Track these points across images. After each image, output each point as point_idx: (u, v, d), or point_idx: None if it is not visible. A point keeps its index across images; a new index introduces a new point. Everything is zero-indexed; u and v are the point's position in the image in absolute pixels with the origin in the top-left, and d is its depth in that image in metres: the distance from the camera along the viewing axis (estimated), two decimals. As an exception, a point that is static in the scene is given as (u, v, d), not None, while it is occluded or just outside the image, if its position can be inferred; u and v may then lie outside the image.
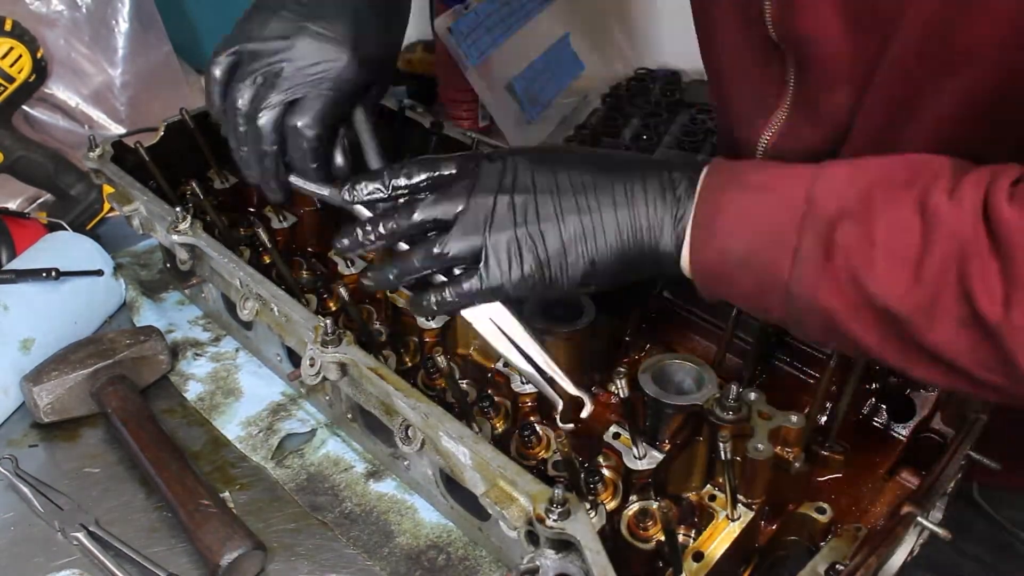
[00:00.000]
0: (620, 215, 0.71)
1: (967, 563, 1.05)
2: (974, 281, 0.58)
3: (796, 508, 0.80)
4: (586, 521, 0.66)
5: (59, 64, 1.36)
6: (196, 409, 1.02)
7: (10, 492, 0.91)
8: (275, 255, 0.97)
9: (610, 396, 0.93)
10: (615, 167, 0.73)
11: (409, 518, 0.89)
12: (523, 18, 1.49)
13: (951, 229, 0.59)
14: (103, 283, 1.12)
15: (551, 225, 0.71)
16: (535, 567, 0.69)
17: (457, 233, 0.73)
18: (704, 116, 1.54)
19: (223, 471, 0.95)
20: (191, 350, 1.09)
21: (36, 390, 0.96)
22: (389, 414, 0.81)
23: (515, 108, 1.44)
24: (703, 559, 0.75)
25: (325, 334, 0.82)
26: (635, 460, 0.79)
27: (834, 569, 0.73)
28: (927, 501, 0.75)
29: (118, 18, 1.39)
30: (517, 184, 0.73)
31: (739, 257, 0.67)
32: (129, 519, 0.89)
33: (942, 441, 0.86)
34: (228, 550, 0.81)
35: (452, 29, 1.34)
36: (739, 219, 0.67)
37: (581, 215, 0.71)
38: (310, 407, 1.01)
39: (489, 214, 0.72)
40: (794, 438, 0.78)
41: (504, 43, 1.43)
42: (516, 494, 0.70)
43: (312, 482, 0.93)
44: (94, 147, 1.08)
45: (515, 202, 0.72)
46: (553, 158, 0.75)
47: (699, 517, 0.80)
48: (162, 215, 0.99)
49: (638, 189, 0.71)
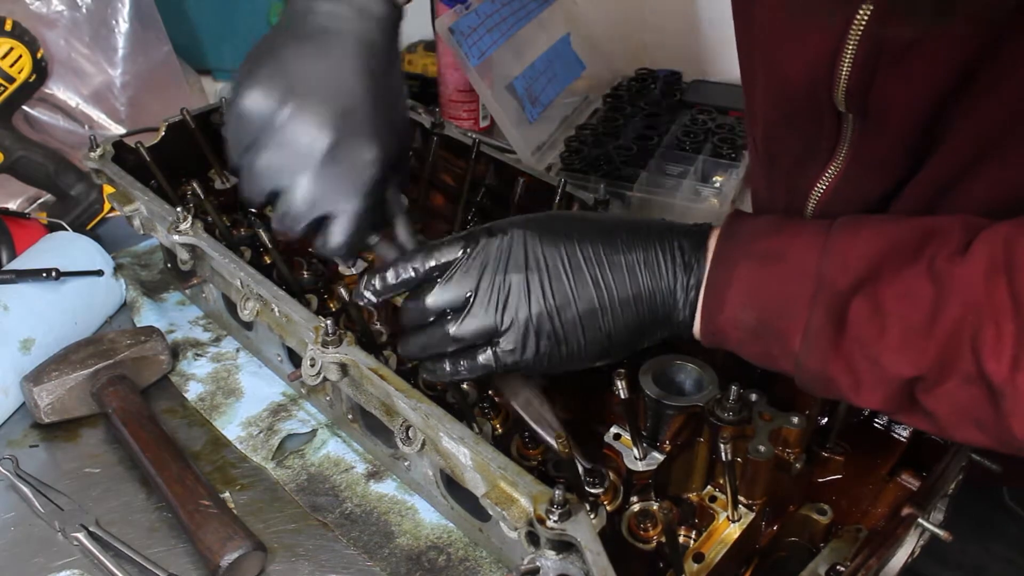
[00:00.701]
0: (633, 288, 0.70)
1: (996, 564, 1.05)
2: (984, 340, 0.58)
3: (797, 509, 0.80)
4: (587, 522, 0.66)
5: (59, 64, 1.35)
6: (196, 409, 1.02)
7: (10, 492, 0.91)
8: (276, 255, 0.97)
9: (610, 396, 0.93)
10: (623, 236, 0.72)
11: (409, 519, 0.89)
12: (523, 18, 1.49)
13: (962, 290, 0.59)
14: (103, 283, 1.12)
15: (566, 303, 0.71)
16: (535, 568, 0.69)
17: (470, 317, 0.72)
18: (704, 116, 1.54)
19: (223, 471, 0.95)
20: (191, 350, 1.09)
21: (36, 390, 0.96)
22: (390, 415, 0.81)
23: (515, 108, 1.44)
24: (704, 560, 0.75)
25: (326, 334, 0.82)
26: (636, 461, 0.79)
27: (835, 570, 0.73)
28: (928, 502, 0.75)
29: (118, 18, 1.39)
30: (528, 261, 0.71)
31: (749, 328, 0.67)
32: (129, 519, 0.89)
33: (943, 442, 0.86)
34: (228, 550, 0.81)
35: (452, 29, 1.34)
36: (750, 292, 0.67)
37: (596, 290, 0.70)
38: (311, 407, 1.01)
39: (502, 294, 0.71)
40: (795, 439, 0.78)
41: (504, 43, 1.43)
42: (517, 495, 0.70)
43: (312, 483, 0.93)
44: (94, 147, 1.08)
45: (528, 280, 0.71)
46: (559, 229, 0.73)
47: (700, 518, 0.80)
48: (163, 215, 0.99)
49: (650, 259, 0.70)
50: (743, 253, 0.68)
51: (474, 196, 1.14)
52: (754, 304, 0.67)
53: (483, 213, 1.15)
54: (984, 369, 0.58)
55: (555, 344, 0.72)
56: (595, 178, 1.36)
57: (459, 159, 1.15)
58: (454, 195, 1.15)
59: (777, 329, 0.66)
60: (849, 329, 0.63)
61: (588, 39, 1.65)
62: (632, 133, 1.50)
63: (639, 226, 0.73)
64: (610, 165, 1.40)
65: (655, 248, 0.71)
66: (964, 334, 0.59)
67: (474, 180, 1.13)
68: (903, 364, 0.61)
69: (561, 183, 1.04)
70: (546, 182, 1.07)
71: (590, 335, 0.71)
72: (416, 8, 1.97)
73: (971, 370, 0.59)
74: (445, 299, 0.74)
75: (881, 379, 0.63)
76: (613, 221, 0.74)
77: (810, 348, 0.64)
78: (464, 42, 1.35)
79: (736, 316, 0.68)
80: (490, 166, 1.13)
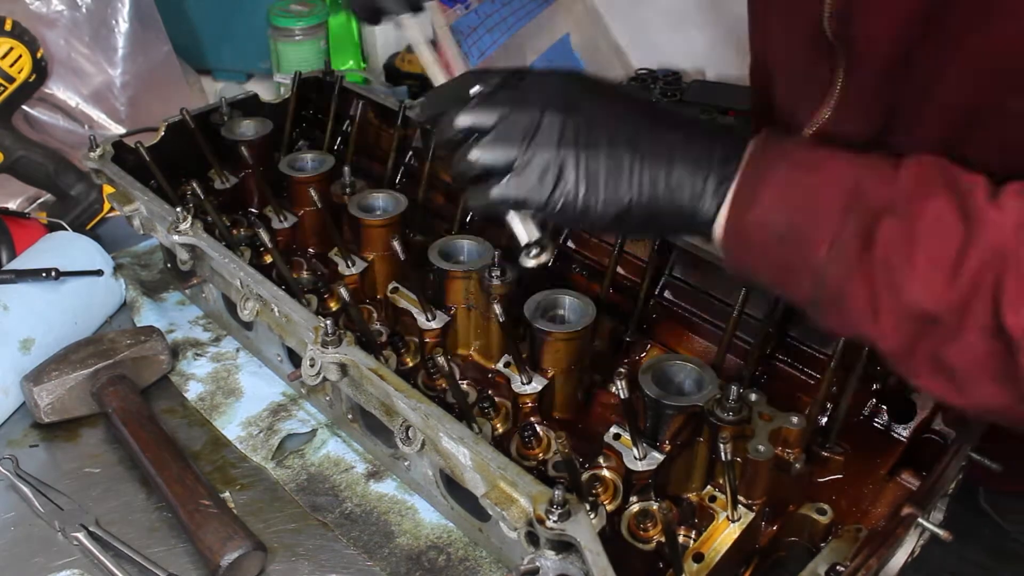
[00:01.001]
0: (666, 163, 0.69)
1: (968, 568, 1.05)
2: (1006, 291, 0.57)
3: (796, 509, 0.80)
4: (586, 522, 0.66)
5: (59, 64, 1.35)
6: (196, 409, 1.02)
7: (10, 492, 0.91)
8: (275, 255, 0.97)
9: (610, 396, 0.93)
10: (668, 115, 0.71)
11: (409, 519, 0.89)
12: (523, 18, 1.49)
13: (992, 235, 0.59)
14: (103, 283, 1.12)
15: (595, 151, 0.68)
16: (535, 568, 0.69)
17: (492, 143, 0.70)
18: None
19: (223, 471, 0.95)
20: (191, 350, 1.09)
21: (36, 390, 0.96)
22: (389, 415, 0.81)
23: (515, 108, 1.44)
24: (703, 560, 0.75)
25: (325, 335, 0.82)
26: (635, 461, 0.79)
27: (834, 570, 0.73)
28: (928, 502, 0.75)
29: (118, 18, 1.39)
30: (568, 103, 0.70)
31: (777, 231, 0.65)
32: (129, 519, 0.89)
33: (943, 442, 0.86)
34: (228, 550, 0.81)
35: (453, 29, 1.34)
36: (783, 193, 0.66)
37: (628, 150, 0.68)
38: (310, 407, 1.01)
39: (532, 128, 0.69)
40: (795, 439, 0.78)
41: (504, 43, 1.43)
42: (516, 495, 0.70)
43: (312, 482, 0.93)
44: (94, 147, 1.08)
45: (565, 121, 0.69)
46: (611, 88, 0.73)
47: (699, 518, 0.80)
48: (163, 215, 0.99)
49: (690, 142, 0.69)
50: (780, 156, 0.67)
51: (474, 196, 1.14)
52: (787, 206, 0.65)
53: (483, 213, 1.14)
54: (1003, 322, 0.57)
55: (573, 189, 0.69)
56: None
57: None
58: (454, 194, 1.15)
59: (805, 235, 0.64)
60: (877, 248, 0.61)
61: (588, 39, 1.65)
62: (632, 133, 1.50)
63: (685, 118, 0.73)
64: (610, 165, 1.40)
65: (697, 134, 0.70)
66: (987, 281, 0.58)
67: (474, 180, 1.13)
68: (925, 297, 0.60)
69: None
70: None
71: (610, 193, 0.69)
72: (416, 8, 1.97)
73: (990, 322, 0.58)
74: (471, 121, 0.71)
75: (899, 308, 0.61)
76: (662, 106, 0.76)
77: (835, 259, 0.63)
78: (464, 42, 1.35)
79: (765, 217, 0.66)
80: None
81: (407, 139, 1.20)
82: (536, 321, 0.86)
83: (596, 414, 0.93)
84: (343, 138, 1.28)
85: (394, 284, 1.01)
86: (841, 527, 0.79)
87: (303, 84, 1.26)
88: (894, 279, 0.61)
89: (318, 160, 1.16)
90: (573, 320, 0.89)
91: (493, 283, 0.91)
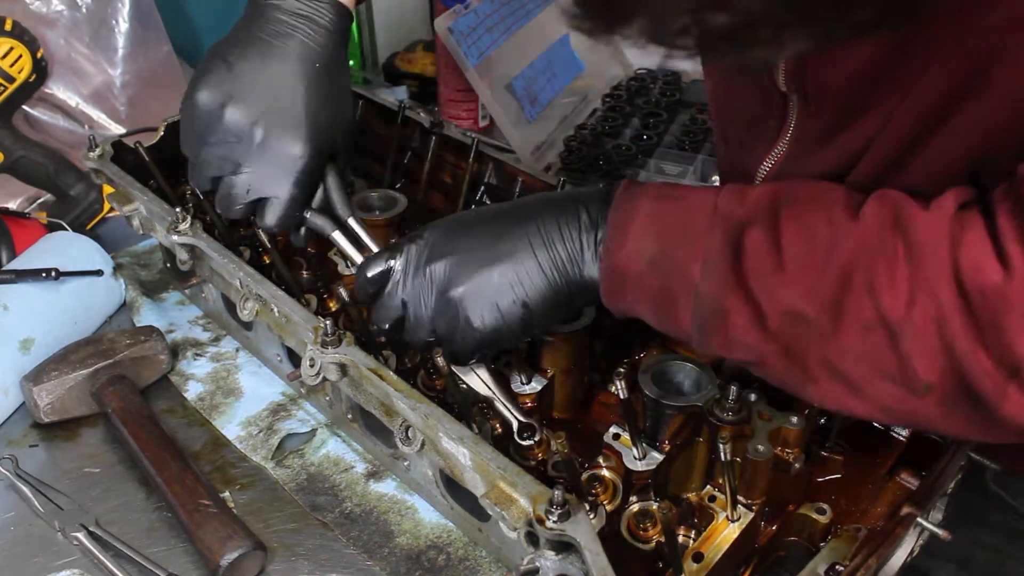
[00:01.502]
0: (539, 254, 0.74)
1: (982, 551, 1.06)
2: (879, 281, 0.60)
3: (796, 509, 0.80)
4: (586, 522, 0.66)
5: (59, 64, 1.35)
6: (196, 409, 1.02)
7: (10, 492, 0.91)
8: (275, 255, 0.97)
9: (610, 396, 0.93)
10: (528, 212, 0.76)
11: (409, 518, 0.89)
12: (523, 18, 1.49)
13: (857, 237, 0.62)
14: (103, 283, 1.12)
15: (479, 283, 0.74)
16: (535, 568, 0.69)
17: (409, 332, 0.80)
18: (704, 116, 1.54)
19: (223, 471, 0.95)
20: (191, 350, 1.09)
21: (36, 390, 0.96)
22: (389, 415, 0.81)
23: (515, 108, 1.44)
24: (703, 560, 0.75)
25: (325, 335, 0.82)
26: (635, 461, 0.79)
27: (834, 570, 0.73)
28: (927, 502, 0.75)
29: (118, 18, 1.39)
30: (442, 253, 0.76)
31: (650, 257, 0.69)
32: (129, 519, 0.89)
33: (942, 442, 0.86)
34: (228, 550, 0.81)
35: (452, 29, 1.34)
36: (650, 222, 0.70)
37: (503, 263, 0.74)
38: (310, 407, 1.01)
39: (427, 293, 0.77)
40: (794, 439, 0.78)
41: (504, 43, 1.43)
42: (516, 495, 0.70)
43: (312, 482, 0.93)
44: (94, 147, 1.08)
45: (444, 269, 0.76)
46: (467, 220, 0.79)
47: (699, 518, 0.80)
48: (162, 215, 1.00)
49: (552, 226, 0.74)
50: (643, 193, 0.72)
51: (473, 195, 1.15)
52: (655, 232, 0.69)
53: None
54: (881, 308, 0.60)
55: (483, 327, 0.75)
56: (594, 178, 1.36)
57: (458, 159, 1.16)
58: (453, 194, 1.15)
59: (677, 258, 0.68)
60: (747, 259, 0.65)
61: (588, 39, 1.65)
62: (631, 133, 1.50)
63: (544, 200, 0.77)
64: (609, 165, 1.40)
65: (557, 215, 0.74)
66: (858, 277, 0.61)
67: (473, 179, 1.13)
68: (799, 297, 0.63)
69: (561, 182, 1.04)
70: (545, 181, 1.07)
71: (506, 307, 0.74)
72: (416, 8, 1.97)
73: (870, 316, 0.61)
74: (385, 316, 0.80)
75: (779, 314, 0.64)
76: (520, 202, 0.81)
77: (709, 275, 0.66)
78: (463, 42, 1.35)
79: (636, 246, 0.70)
80: (489, 166, 1.13)
81: (406, 139, 1.20)
82: None
83: (596, 414, 0.93)
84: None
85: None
86: (840, 527, 0.79)
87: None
88: (767, 285, 0.64)
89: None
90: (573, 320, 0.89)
91: None
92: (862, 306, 0.61)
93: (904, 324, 0.60)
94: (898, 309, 0.60)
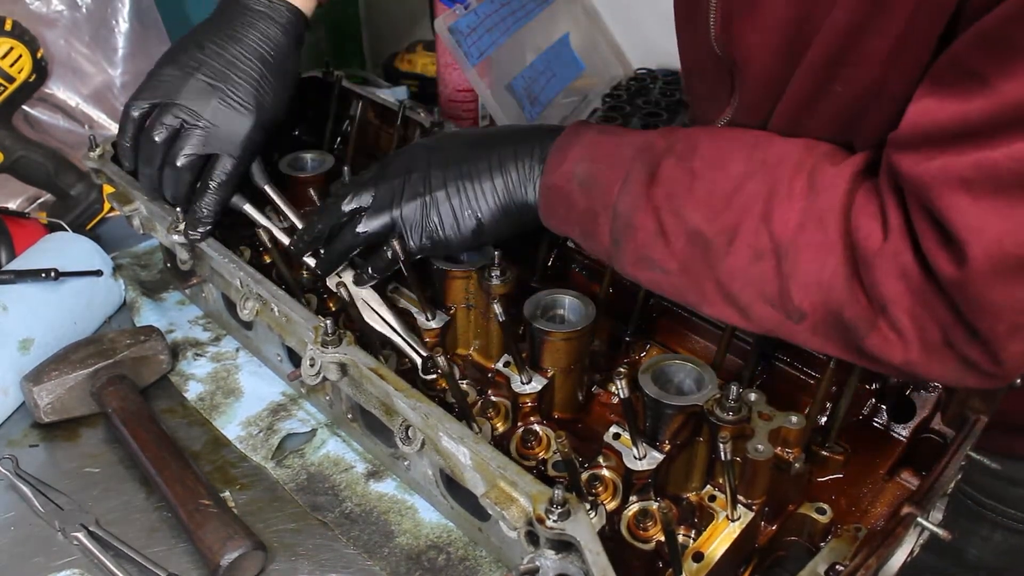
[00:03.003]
0: (495, 178, 0.85)
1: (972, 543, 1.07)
2: (776, 211, 0.68)
3: (796, 509, 0.80)
4: (586, 522, 0.66)
5: (59, 64, 1.35)
6: (196, 409, 1.02)
7: (10, 492, 0.91)
8: (275, 255, 0.97)
9: (610, 396, 0.93)
10: (494, 141, 0.87)
11: (409, 518, 0.89)
12: (523, 18, 1.49)
13: (768, 175, 0.70)
14: (103, 283, 1.12)
15: (442, 193, 0.86)
16: (535, 567, 0.69)
17: (371, 213, 0.88)
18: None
19: (223, 471, 0.95)
20: (191, 350, 1.09)
21: (36, 390, 0.96)
22: (389, 414, 0.81)
23: (515, 108, 1.44)
24: (703, 559, 0.75)
25: (325, 334, 0.82)
26: (635, 460, 0.79)
27: (834, 570, 0.73)
28: (927, 502, 0.75)
29: (118, 18, 1.39)
30: (417, 165, 0.88)
31: (581, 179, 0.79)
32: (129, 519, 0.89)
33: (942, 442, 0.86)
34: (228, 550, 0.81)
35: (452, 29, 1.34)
36: (588, 149, 0.80)
37: (463, 182, 0.86)
38: (310, 407, 1.01)
39: (397, 193, 0.87)
40: (794, 439, 0.78)
41: (504, 43, 1.43)
42: (516, 495, 0.70)
43: (312, 482, 0.93)
44: (94, 147, 1.09)
45: (415, 179, 0.87)
46: (445, 141, 0.91)
47: (699, 517, 0.80)
48: (162, 215, 1.00)
49: (509, 155, 0.85)
50: (590, 129, 0.82)
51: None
52: (589, 158, 0.79)
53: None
54: (773, 232, 0.68)
55: (438, 228, 0.87)
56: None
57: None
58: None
59: (602, 180, 0.78)
60: (660, 183, 0.74)
61: (588, 39, 1.65)
62: (631, 133, 1.50)
63: (510, 131, 0.89)
64: (610, 165, 1.40)
65: (515, 145, 0.85)
66: (758, 207, 0.69)
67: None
68: (701, 219, 0.71)
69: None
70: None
71: (463, 219, 0.86)
72: (416, 8, 1.97)
73: (762, 243, 0.69)
74: (357, 202, 0.90)
75: (682, 233, 0.72)
76: (493, 130, 0.92)
77: (625, 192, 0.76)
78: (463, 42, 1.35)
79: (571, 168, 0.80)
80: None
81: (407, 139, 1.20)
82: (536, 321, 0.86)
83: (596, 414, 0.93)
84: (343, 138, 1.28)
85: (394, 284, 1.01)
86: (840, 527, 0.79)
87: (303, 84, 1.26)
88: (675, 205, 0.73)
89: (318, 160, 1.16)
90: (573, 320, 0.89)
91: (493, 283, 0.91)
92: (756, 232, 0.69)
93: (790, 246, 0.67)
94: (787, 231, 0.67)
